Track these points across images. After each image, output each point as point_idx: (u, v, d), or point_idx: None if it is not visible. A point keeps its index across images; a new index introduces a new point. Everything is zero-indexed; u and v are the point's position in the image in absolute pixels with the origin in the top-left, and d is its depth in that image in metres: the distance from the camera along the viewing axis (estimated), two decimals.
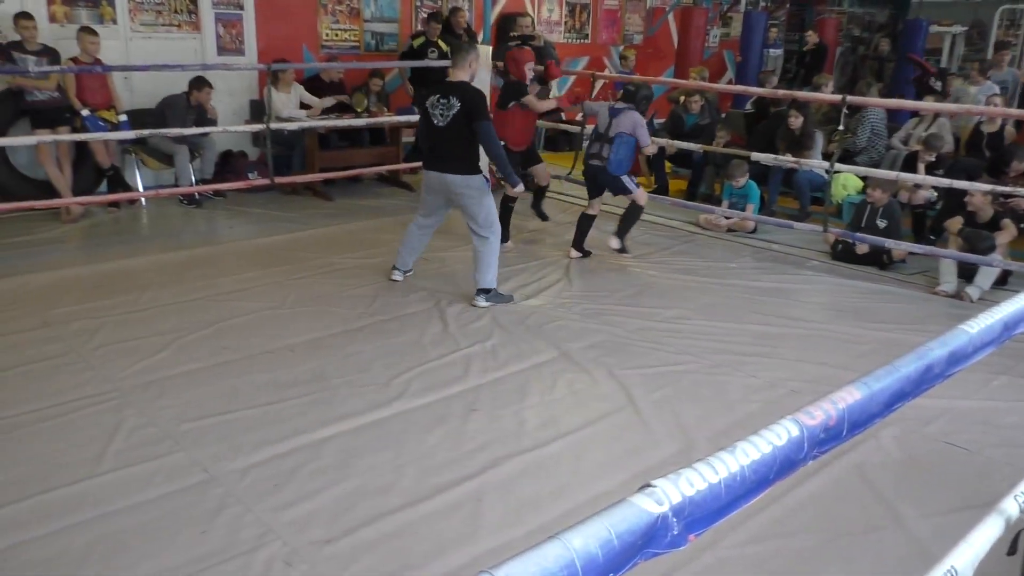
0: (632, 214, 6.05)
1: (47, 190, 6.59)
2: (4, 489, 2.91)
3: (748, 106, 8.65)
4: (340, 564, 2.59)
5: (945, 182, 5.87)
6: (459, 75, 4.95)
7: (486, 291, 5.00)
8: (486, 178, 5.02)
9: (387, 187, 8.28)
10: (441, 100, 4.89)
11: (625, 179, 5.88)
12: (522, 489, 3.06)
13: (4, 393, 3.63)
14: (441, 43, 8.21)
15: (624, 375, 4.06)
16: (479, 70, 5.37)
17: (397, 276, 5.35)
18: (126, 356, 4.04)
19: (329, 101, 7.88)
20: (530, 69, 6.08)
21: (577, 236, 6.12)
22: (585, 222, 6.11)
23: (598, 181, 5.98)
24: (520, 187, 5.31)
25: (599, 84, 8.74)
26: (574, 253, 6.12)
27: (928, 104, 7.60)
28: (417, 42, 8.36)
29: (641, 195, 6.01)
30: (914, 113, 7.98)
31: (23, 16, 6.23)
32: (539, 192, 6.75)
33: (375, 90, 8.22)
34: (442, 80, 5.24)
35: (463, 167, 4.90)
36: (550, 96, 7.36)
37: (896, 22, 14.59)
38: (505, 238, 5.95)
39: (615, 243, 6.10)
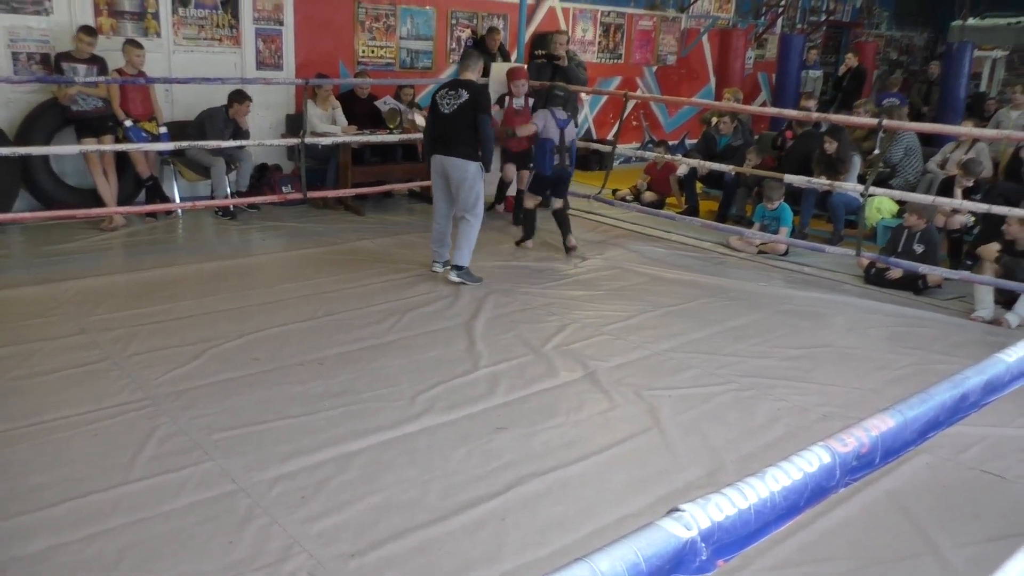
0: (566, 217, 6.70)
1: (87, 198, 6.74)
2: (40, 493, 2.96)
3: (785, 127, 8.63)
4: None
5: (983, 207, 5.78)
6: (467, 75, 5.61)
7: (459, 268, 5.57)
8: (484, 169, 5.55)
9: (419, 203, 8.35)
10: (449, 92, 5.51)
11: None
12: (547, 509, 3.04)
13: (41, 398, 3.70)
14: None
15: (651, 396, 4.04)
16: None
17: (437, 268, 5.83)
18: (160, 364, 4.11)
19: (354, 134, 7.75)
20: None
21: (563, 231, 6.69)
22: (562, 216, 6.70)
23: (560, 183, 6.64)
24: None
25: (630, 104, 8.74)
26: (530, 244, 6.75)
27: (967, 129, 7.50)
28: None
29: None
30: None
31: (85, 31, 6.39)
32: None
33: (407, 99, 8.30)
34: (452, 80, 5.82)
35: (464, 152, 5.44)
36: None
37: (935, 45, 14.44)
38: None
39: (572, 241, 6.66)
